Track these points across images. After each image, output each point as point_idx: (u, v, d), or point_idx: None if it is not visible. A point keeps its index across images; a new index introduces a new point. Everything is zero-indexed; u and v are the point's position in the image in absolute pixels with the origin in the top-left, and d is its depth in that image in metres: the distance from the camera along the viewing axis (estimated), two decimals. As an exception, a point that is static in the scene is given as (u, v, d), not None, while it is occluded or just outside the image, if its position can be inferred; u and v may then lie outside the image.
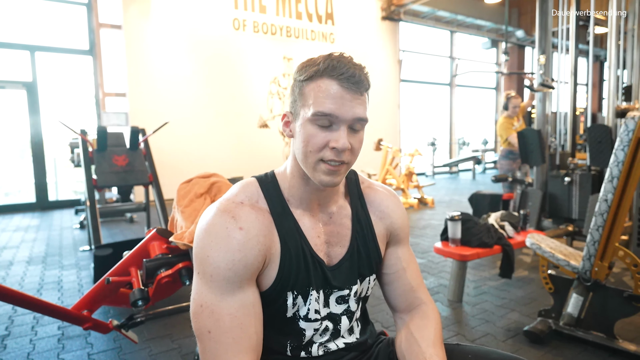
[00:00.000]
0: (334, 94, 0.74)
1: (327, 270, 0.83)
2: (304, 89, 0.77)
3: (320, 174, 0.77)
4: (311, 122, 0.75)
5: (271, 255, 0.78)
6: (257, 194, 0.82)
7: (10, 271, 3.36)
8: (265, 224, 0.78)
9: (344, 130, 0.75)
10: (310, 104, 0.75)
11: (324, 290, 0.84)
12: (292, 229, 0.81)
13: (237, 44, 7.24)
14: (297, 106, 0.78)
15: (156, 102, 6.53)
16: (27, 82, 6.18)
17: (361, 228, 0.89)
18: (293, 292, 0.81)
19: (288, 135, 0.81)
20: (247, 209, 0.78)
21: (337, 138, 0.74)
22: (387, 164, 6.28)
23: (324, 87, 0.74)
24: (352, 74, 0.74)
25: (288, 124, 0.82)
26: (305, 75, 0.76)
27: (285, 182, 0.84)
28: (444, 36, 10.87)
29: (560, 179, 3.49)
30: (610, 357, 1.87)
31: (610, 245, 1.88)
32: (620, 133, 1.80)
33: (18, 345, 2.11)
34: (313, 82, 0.75)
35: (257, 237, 0.76)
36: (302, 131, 0.76)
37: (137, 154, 3.78)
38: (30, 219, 5.71)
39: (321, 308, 0.84)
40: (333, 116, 0.74)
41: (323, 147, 0.75)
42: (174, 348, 2.05)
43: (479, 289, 2.81)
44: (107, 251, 2.57)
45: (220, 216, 0.76)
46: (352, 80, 0.74)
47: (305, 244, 0.82)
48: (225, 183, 1.90)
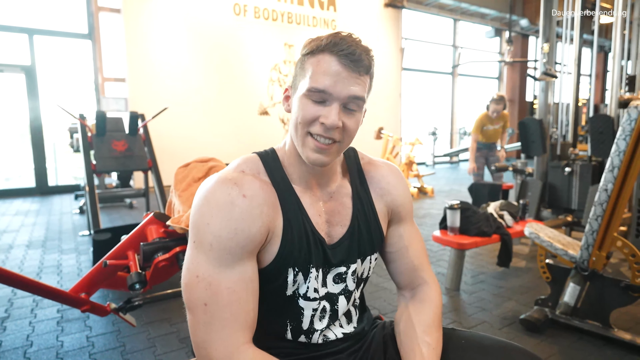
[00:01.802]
0: (331, 70, 0.72)
1: (327, 248, 0.82)
2: (305, 63, 0.76)
3: (308, 150, 0.76)
4: (306, 96, 0.74)
5: (274, 228, 0.76)
6: (259, 168, 0.81)
7: (10, 255, 3.37)
8: (270, 195, 0.77)
9: (335, 107, 0.73)
10: (307, 78, 0.74)
11: (323, 268, 0.83)
12: (294, 205, 0.80)
13: (238, 29, 7.16)
14: (297, 80, 0.78)
15: (156, 88, 6.49)
16: (25, 66, 6.13)
17: (362, 206, 0.87)
18: (294, 269, 0.78)
19: (286, 109, 0.80)
20: (250, 177, 0.76)
21: (327, 114, 0.73)
22: (388, 152, 6.27)
23: (322, 63, 0.73)
24: (352, 51, 0.72)
25: (288, 98, 0.81)
26: (307, 49, 0.75)
27: (285, 158, 0.83)
28: (447, 24, 10.75)
29: (561, 170, 3.48)
30: (605, 345, 1.88)
31: (609, 235, 1.88)
32: (623, 122, 1.78)
33: (18, 328, 2.13)
34: (314, 57, 0.74)
35: (261, 207, 0.73)
36: (297, 104, 0.76)
37: (136, 140, 3.76)
38: (30, 203, 5.72)
39: (319, 287, 0.82)
40: (327, 93, 0.72)
41: (313, 121, 0.74)
42: (172, 332, 2.07)
43: (476, 277, 2.82)
44: (106, 236, 2.57)
45: (222, 183, 0.73)
46: (352, 58, 0.72)
47: (307, 221, 0.80)
48: (223, 168, 1.89)
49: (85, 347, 1.93)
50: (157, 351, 1.89)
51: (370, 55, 0.75)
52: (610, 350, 1.85)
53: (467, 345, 0.83)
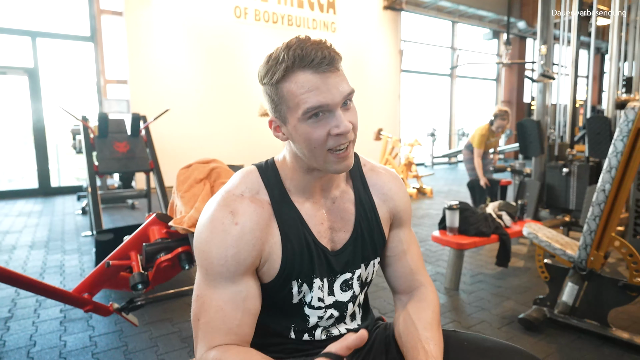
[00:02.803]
0: (315, 84, 0.70)
1: (330, 256, 0.83)
2: (281, 91, 0.72)
3: (333, 164, 0.76)
4: (304, 120, 0.72)
5: (270, 248, 0.79)
6: (258, 184, 0.82)
7: (13, 255, 3.39)
8: (264, 216, 0.78)
9: (339, 113, 0.72)
10: (296, 104, 0.71)
11: (328, 278, 0.84)
12: (293, 219, 0.81)
13: (238, 32, 7.19)
14: (281, 110, 0.74)
15: (157, 90, 6.52)
16: (28, 68, 6.16)
17: (364, 212, 0.88)
18: (298, 281, 0.81)
19: (282, 139, 0.79)
20: (246, 202, 0.78)
21: (337, 124, 0.72)
22: (387, 153, 6.30)
23: (301, 82, 0.70)
24: (322, 56, 0.69)
25: (278, 128, 0.78)
26: (276, 77, 0.72)
27: (285, 171, 0.83)
28: (446, 26, 10.78)
29: (559, 170, 3.50)
30: (603, 344, 1.90)
31: (607, 235, 1.90)
32: (620, 123, 1.80)
33: (21, 327, 2.15)
34: (287, 80, 0.71)
35: (253, 232, 0.76)
36: (299, 133, 0.73)
37: (138, 141, 3.79)
38: (33, 204, 5.74)
39: (326, 296, 0.84)
40: (323, 105, 0.70)
41: (326, 138, 0.73)
42: (174, 332, 2.08)
43: (475, 277, 2.84)
44: (108, 236, 2.59)
45: (220, 210, 0.77)
46: (325, 62, 0.70)
47: (308, 233, 0.82)
48: (224, 169, 1.91)
49: (88, 347, 1.95)
50: (159, 351, 1.91)
51: (331, 46, 0.73)
52: (608, 349, 1.86)
53: (468, 347, 0.83)
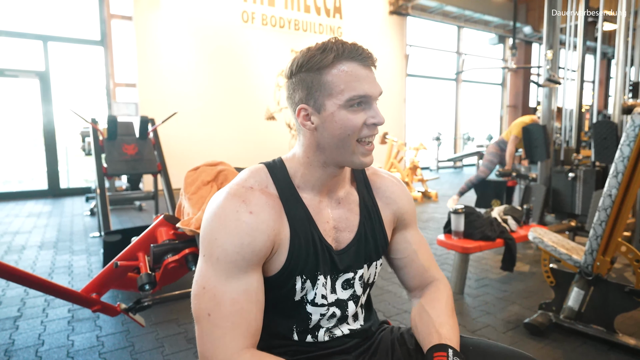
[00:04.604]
0: (362, 75, 0.76)
1: (334, 255, 0.85)
2: (325, 77, 0.76)
3: (359, 156, 0.79)
4: (345, 107, 0.76)
5: (280, 240, 0.79)
6: (267, 180, 0.82)
7: (22, 255, 3.44)
8: (276, 208, 0.79)
9: (376, 105, 0.79)
10: (340, 90, 0.75)
11: (331, 275, 0.85)
12: (301, 215, 0.82)
13: (246, 36, 7.26)
14: (317, 97, 0.76)
15: (165, 93, 6.58)
16: (40, 72, 6.26)
17: (368, 213, 0.90)
18: (302, 277, 0.82)
19: (309, 128, 0.79)
20: (257, 193, 0.78)
21: (373, 114, 0.78)
22: (392, 157, 6.30)
23: (350, 71, 0.76)
24: (367, 53, 0.78)
25: (307, 117, 0.79)
26: (323, 63, 0.75)
27: (294, 168, 0.84)
28: (451, 31, 10.78)
29: (564, 175, 3.49)
30: (609, 350, 1.89)
31: (613, 240, 1.89)
32: (627, 129, 1.80)
33: (30, 326, 2.18)
34: (335, 67, 0.76)
35: (267, 222, 0.76)
36: (336, 119, 0.76)
37: (146, 143, 3.83)
38: (42, 205, 5.80)
39: (328, 294, 0.85)
40: (367, 96, 0.76)
41: (361, 127, 0.77)
42: (180, 332, 2.10)
43: (480, 281, 2.83)
44: (116, 237, 2.62)
45: (230, 200, 0.76)
46: (371, 59, 0.78)
47: (315, 229, 0.83)
48: (231, 171, 1.93)
49: (95, 347, 1.97)
50: (165, 351, 1.92)
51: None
52: (615, 355, 1.85)
53: (474, 352, 0.84)
